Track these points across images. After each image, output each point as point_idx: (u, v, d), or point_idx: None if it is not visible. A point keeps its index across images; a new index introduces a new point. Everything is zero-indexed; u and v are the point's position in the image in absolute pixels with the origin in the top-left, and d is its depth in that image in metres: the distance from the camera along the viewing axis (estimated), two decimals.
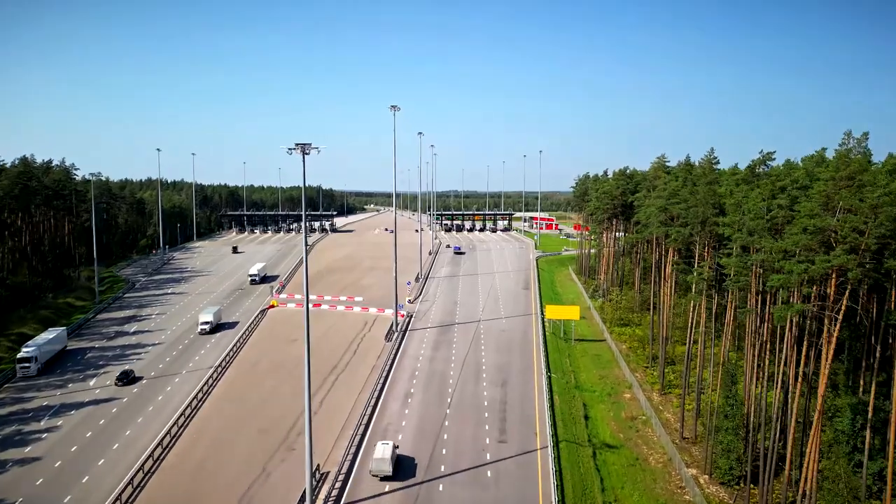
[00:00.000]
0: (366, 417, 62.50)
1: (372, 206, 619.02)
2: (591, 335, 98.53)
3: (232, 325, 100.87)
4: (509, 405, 66.05)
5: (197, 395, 68.33)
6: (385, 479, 51.39)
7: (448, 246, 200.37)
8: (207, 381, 73.02)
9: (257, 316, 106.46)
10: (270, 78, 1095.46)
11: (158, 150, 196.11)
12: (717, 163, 76.65)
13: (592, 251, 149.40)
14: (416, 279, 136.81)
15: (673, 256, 77.10)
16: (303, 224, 48.88)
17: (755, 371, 52.37)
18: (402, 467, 53.22)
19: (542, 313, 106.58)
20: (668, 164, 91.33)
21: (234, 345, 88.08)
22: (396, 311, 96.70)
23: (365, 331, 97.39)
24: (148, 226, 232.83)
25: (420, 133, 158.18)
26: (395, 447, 54.26)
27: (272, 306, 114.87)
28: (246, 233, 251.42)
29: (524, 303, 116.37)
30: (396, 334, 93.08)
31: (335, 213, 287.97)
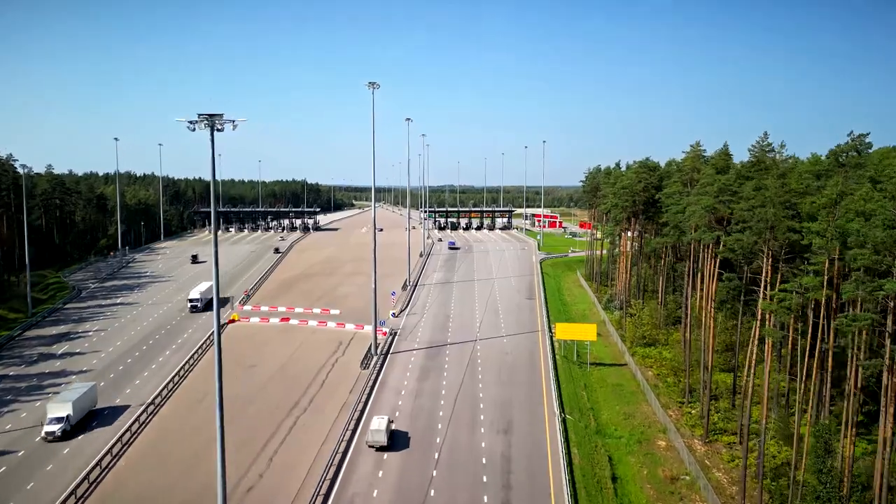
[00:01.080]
0: (325, 484, 49.48)
1: (364, 201, 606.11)
2: (610, 357, 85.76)
3: (113, 416, 64.36)
4: (515, 463, 53.15)
5: (104, 457, 54.10)
6: None
7: (440, 240, 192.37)
8: (125, 433, 58.50)
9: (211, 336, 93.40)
10: (253, 69, 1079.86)
11: (116, 139, 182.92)
12: (772, 150, 63.89)
13: (602, 252, 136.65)
14: (404, 287, 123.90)
15: (714, 266, 64.45)
16: (213, 225, 34.40)
17: (851, 429, 39.58)
18: None
19: (551, 330, 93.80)
20: (704, 153, 78.56)
21: (179, 371, 74.95)
22: (375, 331, 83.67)
23: (338, 353, 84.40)
24: (110, 224, 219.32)
25: (408, 119, 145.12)
26: None
27: (232, 321, 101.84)
28: (219, 232, 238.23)
29: (528, 316, 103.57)
30: (375, 359, 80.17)
31: (318, 209, 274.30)
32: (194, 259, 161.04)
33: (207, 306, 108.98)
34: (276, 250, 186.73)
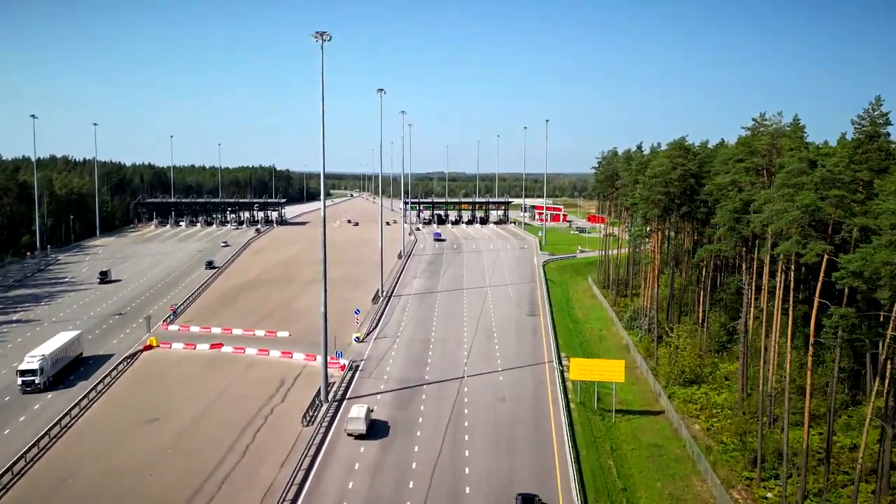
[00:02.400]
0: None
1: (344, 189, 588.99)
2: (640, 400, 69.76)
3: None
4: None
5: None
6: None
7: (419, 228, 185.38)
8: None
9: (122, 364, 76.80)
10: (221, 48, 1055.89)
11: (34, 116, 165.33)
12: (886, 123, 47.84)
13: (621, 251, 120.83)
14: (375, 299, 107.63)
15: (795, 290, 48.72)
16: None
17: None
18: None
19: (560, 362, 77.84)
20: (782, 127, 62.57)
21: (40, 442, 58.25)
22: (326, 371, 67.12)
23: (277, 399, 67.93)
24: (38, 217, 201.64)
25: (380, 90, 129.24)
26: None
27: (149, 347, 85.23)
28: (168, 226, 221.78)
29: (531, 340, 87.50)
30: (325, 408, 63.85)
31: (284, 199, 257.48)
32: (103, 278, 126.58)
33: (62, 376, 73.77)
34: (225, 243, 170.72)
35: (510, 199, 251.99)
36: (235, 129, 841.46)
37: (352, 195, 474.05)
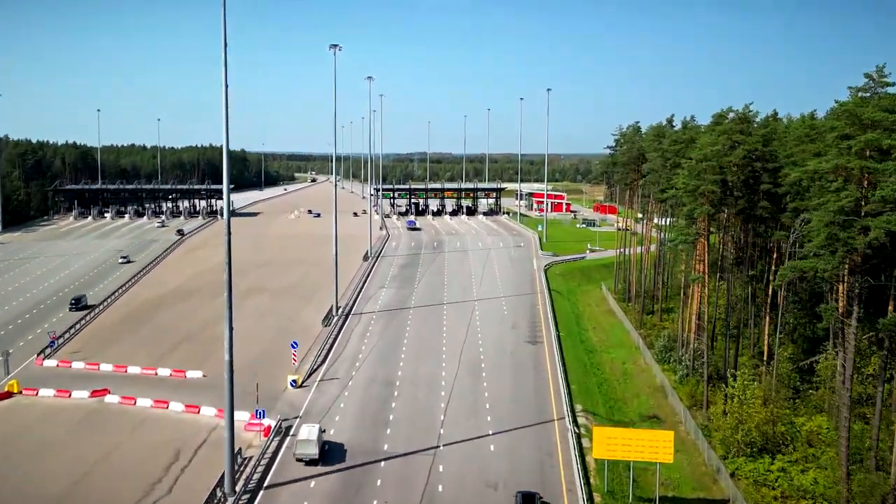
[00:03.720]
0: None
1: (311, 173, 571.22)
2: (691, 480, 54.03)
3: None
4: None
5: None
6: None
7: (389, 214, 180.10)
8: None
9: None
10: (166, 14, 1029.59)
11: None
12: None
13: (649, 249, 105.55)
14: (326, 319, 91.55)
15: None
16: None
17: None
18: None
19: (574, 418, 62.13)
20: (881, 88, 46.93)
21: None
22: (231, 447, 50.52)
23: (161, 489, 51.48)
24: None
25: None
26: None
27: (7, 394, 68.62)
28: (90, 217, 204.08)
29: (532, 383, 71.65)
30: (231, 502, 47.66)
31: (231, 186, 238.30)
32: None
33: None
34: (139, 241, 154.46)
35: (502, 185, 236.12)
36: (181, 102, 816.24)
37: (313, 180, 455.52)
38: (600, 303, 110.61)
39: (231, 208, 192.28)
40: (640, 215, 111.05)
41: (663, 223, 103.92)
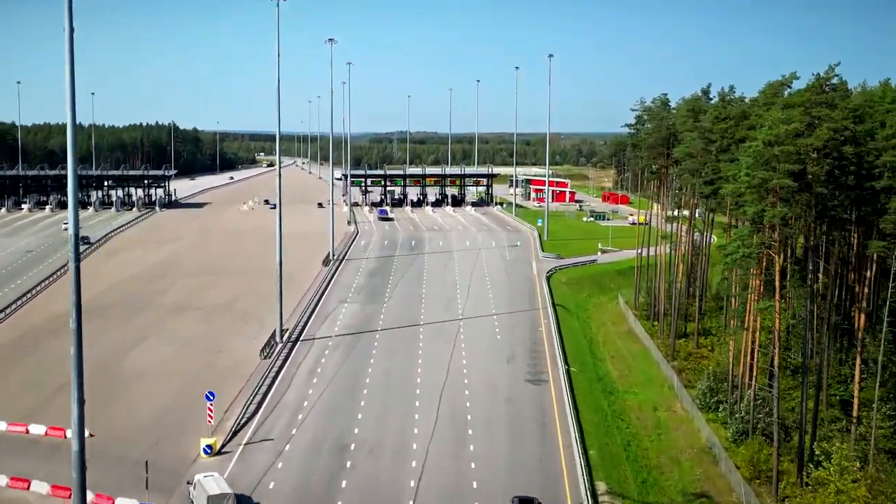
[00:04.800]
0: None
1: (273, 156, 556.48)
2: None
3: None
4: None
5: None
6: None
7: (358, 203, 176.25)
8: None
9: None
10: None
11: None
12: None
13: (681, 250, 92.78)
14: (266, 350, 78.08)
15: None
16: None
17: None
18: None
19: None
20: None
21: None
22: None
23: None
24: None
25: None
26: None
27: None
28: (3, 210, 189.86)
29: (537, 447, 58.50)
30: None
31: (173, 171, 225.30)
32: None
33: None
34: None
35: (494, 171, 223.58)
36: (122, 75, 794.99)
37: (271, 164, 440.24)
38: (618, 321, 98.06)
39: (172, 197, 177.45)
40: (672, 211, 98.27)
41: (698, 217, 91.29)
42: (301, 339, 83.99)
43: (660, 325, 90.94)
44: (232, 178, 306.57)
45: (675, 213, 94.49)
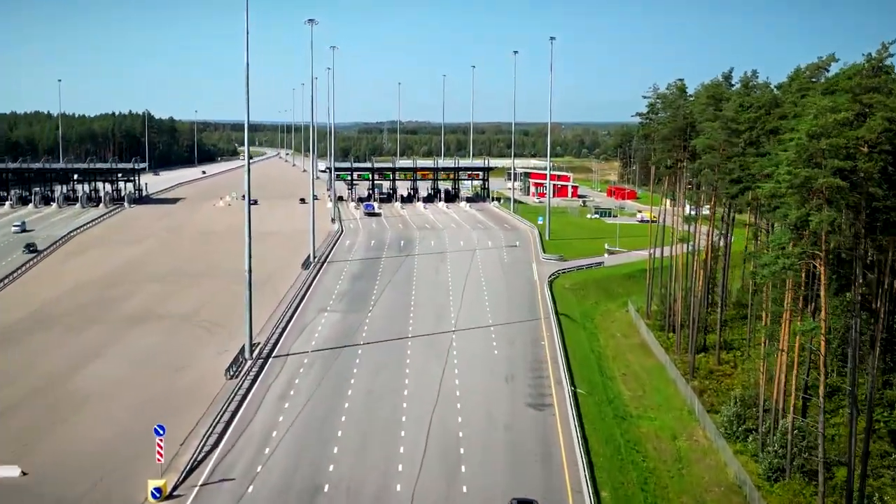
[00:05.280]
0: None
1: (256, 146, 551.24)
2: None
3: None
4: None
5: None
6: None
7: (343, 198, 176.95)
8: None
9: None
10: None
11: None
12: None
13: (701, 253, 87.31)
14: (234, 366, 72.46)
15: None
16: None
17: None
18: None
19: None
20: None
21: None
22: None
23: None
24: None
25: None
26: None
27: None
28: None
29: (539, 482, 52.99)
30: None
31: (143, 165, 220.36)
32: None
33: None
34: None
35: (491, 163, 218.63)
36: (93, 60, 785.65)
37: (261, 154, 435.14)
38: (628, 332, 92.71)
39: (143, 192, 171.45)
40: (689, 208, 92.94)
41: (718, 215, 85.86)
42: (273, 354, 78.38)
43: (676, 337, 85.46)
44: (204, 172, 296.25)
45: (693, 211, 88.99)
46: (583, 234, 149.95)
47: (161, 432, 52.51)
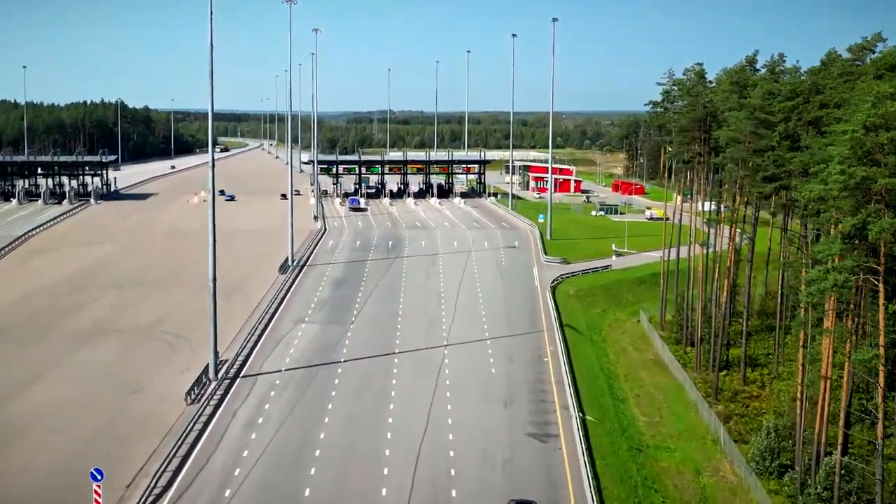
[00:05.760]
0: None
1: (239, 137, 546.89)
2: None
3: None
4: None
5: None
6: None
7: (325, 192, 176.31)
8: None
9: None
10: None
11: None
12: None
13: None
14: (194, 390, 66.98)
15: None
16: None
17: None
18: None
19: None
20: None
21: None
22: None
23: None
24: None
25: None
26: None
27: None
28: None
29: None
30: None
31: (112, 158, 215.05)
32: None
33: None
34: None
35: (487, 156, 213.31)
36: (62, 47, 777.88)
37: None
38: (641, 345, 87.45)
39: (111, 187, 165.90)
40: (708, 206, 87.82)
41: (734, 214, 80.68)
42: (242, 374, 72.66)
43: (695, 352, 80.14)
44: (173, 167, 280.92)
45: (713, 209, 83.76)
46: (587, 234, 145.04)
47: (98, 477, 46.69)
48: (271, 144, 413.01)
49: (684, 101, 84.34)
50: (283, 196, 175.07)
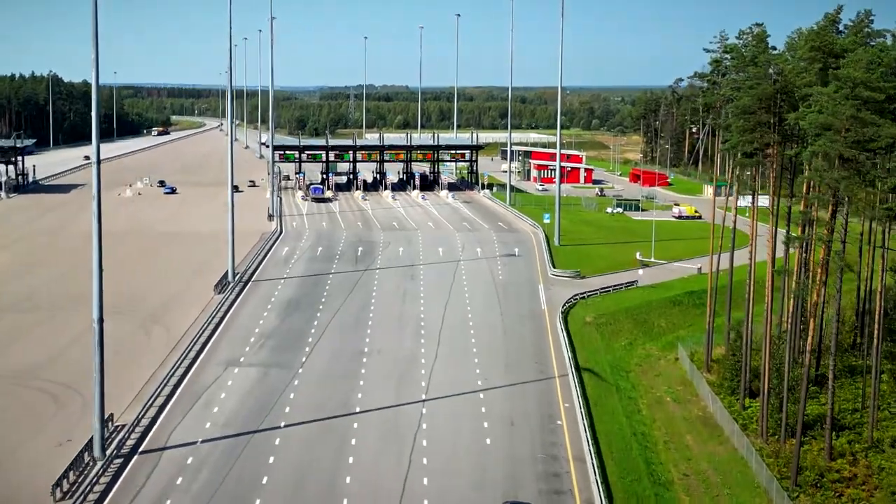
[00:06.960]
0: None
1: (198, 117, 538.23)
2: None
3: None
4: None
5: None
6: None
7: (286, 186, 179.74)
8: None
9: None
10: None
11: None
12: None
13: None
14: (67, 479, 53.52)
15: None
16: None
17: None
18: None
19: None
20: None
21: None
22: None
23: None
24: None
25: None
26: None
27: None
28: None
29: None
30: None
31: (31, 142, 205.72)
32: None
33: None
34: None
35: (481, 140, 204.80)
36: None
37: (200, 125, 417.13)
38: (683, 395, 74.65)
39: (25, 178, 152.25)
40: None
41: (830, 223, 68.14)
42: (141, 449, 59.22)
43: (760, 408, 66.97)
44: (87, 157, 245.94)
45: (804, 224, 71.09)
46: (604, 237, 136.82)
47: None
48: (236, 123, 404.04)
49: (745, 74, 71.39)
50: (236, 188, 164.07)
